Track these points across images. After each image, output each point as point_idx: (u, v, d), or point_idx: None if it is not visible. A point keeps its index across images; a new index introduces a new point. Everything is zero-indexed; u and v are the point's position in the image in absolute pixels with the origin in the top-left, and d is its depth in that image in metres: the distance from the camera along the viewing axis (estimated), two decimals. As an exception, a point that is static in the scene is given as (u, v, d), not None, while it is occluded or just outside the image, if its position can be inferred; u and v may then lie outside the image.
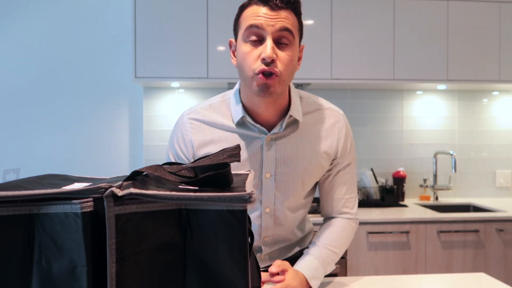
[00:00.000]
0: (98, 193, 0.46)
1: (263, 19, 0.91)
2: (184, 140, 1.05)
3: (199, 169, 0.59)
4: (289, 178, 1.07)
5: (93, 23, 2.71)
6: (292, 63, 0.95)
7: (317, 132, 1.08)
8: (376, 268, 2.24)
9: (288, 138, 1.05)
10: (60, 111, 2.71)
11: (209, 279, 0.49)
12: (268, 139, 1.03)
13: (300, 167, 1.07)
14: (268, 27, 0.91)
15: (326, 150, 1.08)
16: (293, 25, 0.94)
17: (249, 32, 0.93)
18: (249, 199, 0.46)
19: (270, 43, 0.90)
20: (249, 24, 0.92)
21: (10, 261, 0.46)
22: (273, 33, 0.91)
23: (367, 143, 2.87)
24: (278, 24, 0.91)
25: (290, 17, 0.93)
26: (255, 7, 0.93)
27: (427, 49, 2.56)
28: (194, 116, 1.06)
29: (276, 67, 0.91)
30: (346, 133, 1.11)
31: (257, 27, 0.91)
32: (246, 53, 0.93)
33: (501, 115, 2.98)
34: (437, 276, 1.25)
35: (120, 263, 0.45)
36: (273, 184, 1.06)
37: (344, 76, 2.49)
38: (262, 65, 0.91)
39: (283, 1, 0.92)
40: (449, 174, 2.88)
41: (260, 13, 0.91)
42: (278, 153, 1.05)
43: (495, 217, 2.31)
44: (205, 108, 1.07)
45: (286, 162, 1.05)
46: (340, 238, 1.11)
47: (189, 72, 2.42)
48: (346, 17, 2.50)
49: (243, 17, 0.95)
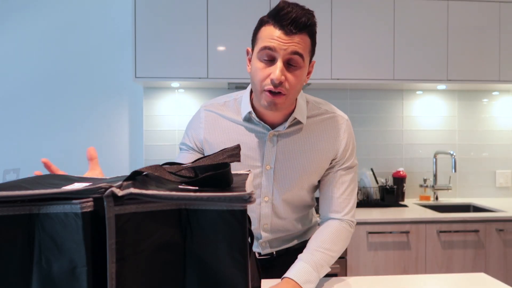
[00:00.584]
0: (98, 193, 0.46)
1: (277, 42, 0.97)
2: (199, 126, 1.19)
3: (199, 169, 0.59)
4: (287, 172, 1.14)
5: (93, 23, 2.71)
6: (300, 83, 1.03)
7: (319, 133, 1.14)
8: (376, 268, 2.24)
9: (291, 136, 1.13)
10: (60, 111, 2.71)
11: (209, 279, 0.49)
12: (271, 134, 1.11)
13: (299, 163, 1.13)
14: (280, 50, 0.97)
15: (326, 150, 1.14)
16: (305, 49, 1.00)
17: (263, 52, 1.00)
18: (249, 199, 0.46)
19: (280, 66, 0.97)
20: (263, 45, 0.99)
21: (10, 261, 0.46)
22: (284, 56, 0.98)
23: (367, 143, 2.87)
24: (290, 48, 0.97)
25: (303, 40, 0.99)
26: (272, 29, 0.99)
27: (427, 49, 2.56)
28: (209, 108, 1.19)
29: (284, 87, 0.99)
30: (348, 137, 1.17)
31: (270, 49, 0.98)
32: (258, 69, 1.01)
33: (501, 115, 2.98)
34: (437, 276, 1.25)
35: (120, 263, 0.45)
36: (272, 175, 1.14)
37: (344, 76, 2.50)
38: (270, 84, 0.99)
39: (297, 26, 0.97)
40: (449, 174, 2.88)
41: (275, 35, 0.97)
42: (279, 148, 1.13)
43: (495, 217, 2.31)
44: (221, 104, 1.19)
45: (286, 157, 1.13)
46: (333, 239, 1.12)
47: (189, 72, 2.42)
48: (346, 17, 2.50)
49: (260, 36, 1.01)
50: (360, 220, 2.23)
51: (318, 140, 1.14)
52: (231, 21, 2.43)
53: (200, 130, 1.17)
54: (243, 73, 2.43)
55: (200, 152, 1.19)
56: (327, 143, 1.15)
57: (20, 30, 2.68)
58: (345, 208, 1.17)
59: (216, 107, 1.18)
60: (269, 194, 1.16)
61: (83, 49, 2.71)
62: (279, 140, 1.13)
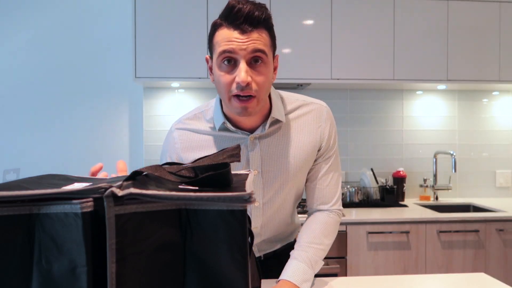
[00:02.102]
0: (98, 193, 0.46)
1: (235, 43, 0.92)
2: (174, 147, 1.13)
3: (199, 169, 0.59)
4: (277, 174, 1.10)
5: (93, 23, 2.71)
6: (267, 80, 0.97)
7: (300, 126, 1.11)
8: (376, 268, 2.24)
9: (272, 136, 1.09)
10: (60, 111, 2.71)
11: (209, 279, 0.49)
12: (252, 138, 1.07)
13: (286, 162, 1.10)
14: (240, 51, 0.92)
15: (310, 142, 1.11)
16: (266, 44, 0.95)
17: (222, 57, 0.94)
18: (249, 199, 0.46)
19: (243, 67, 0.92)
20: (221, 49, 0.93)
21: (10, 261, 0.46)
22: (245, 56, 0.92)
23: (367, 143, 2.87)
24: (250, 47, 0.92)
25: (262, 36, 0.94)
26: (226, 31, 0.94)
27: (427, 49, 2.56)
28: (180, 126, 1.13)
29: (251, 88, 0.94)
30: (330, 125, 1.14)
31: (229, 52, 0.93)
32: (221, 76, 0.95)
33: (501, 115, 2.98)
34: (437, 276, 1.25)
35: (120, 263, 0.45)
36: (261, 180, 1.10)
37: (344, 76, 2.50)
38: (237, 88, 0.93)
39: (252, 23, 0.92)
40: (449, 174, 2.88)
41: (232, 37, 0.92)
42: (263, 151, 1.09)
43: (495, 217, 2.31)
44: (190, 117, 1.14)
45: (272, 158, 1.09)
46: (323, 232, 1.11)
47: (189, 72, 2.42)
48: (346, 17, 2.50)
49: (216, 40, 0.96)
50: (360, 220, 2.23)
51: (300, 135, 1.11)
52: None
53: (177, 151, 1.12)
54: (243, 73, 2.43)
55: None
56: (310, 136, 1.11)
57: (20, 30, 2.68)
58: (332, 199, 1.15)
59: (187, 123, 1.13)
60: (259, 199, 1.13)
61: (83, 49, 2.71)
62: (261, 143, 1.08)
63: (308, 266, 1.05)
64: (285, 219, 1.22)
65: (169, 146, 1.14)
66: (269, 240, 1.23)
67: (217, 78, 0.97)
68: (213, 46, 0.98)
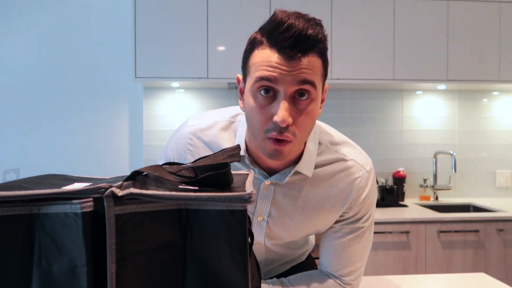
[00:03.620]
0: (98, 193, 0.46)
1: (277, 71, 0.72)
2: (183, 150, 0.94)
3: (199, 169, 0.59)
4: (283, 228, 0.93)
5: (93, 23, 2.71)
6: (311, 122, 0.78)
7: (329, 187, 0.89)
8: (376, 268, 2.24)
9: (291, 187, 0.89)
10: (60, 111, 2.71)
11: (209, 279, 0.49)
12: (268, 183, 0.88)
13: (298, 221, 0.92)
14: (283, 82, 0.72)
15: (334, 208, 0.91)
16: (316, 73, 0.76)
17: (259, 85, 0.74)
18: (249, 199, 0.46)
19: (284, 105, 0.72)
20: (259, 75, 0.73)
21: (10, 261, 0.46)
22: (289, 89, 0.73)
23: (367, 143, 2.87)
24: (296, 78, 0.72)
25: (312, 63, 0.75)
26: (268, 52, 0.73)
27: (427, 49, 2.56)
28: (197, 135, 0.92)
29: (291, 132, 0.74)
30: (368, 192, 0.91)
31: (269, 80, 0.73)
32: (255, 109, 0.75)
33: (501, 115, 2.98)
34: (437, 276, 1.25)
35: (120, 263, 0.45)
36: (264, 227, 0.93)
37: (344, 76, 2.50)
38: (275, 129, 0.73)
39: (304, 47, 0.72)
40: (449, 174, 2.88)
41: (273, 62, 0.72)
42: (274, 201, 0.90)
43: (495, 217, 2.31)
44: (210, 125, 0.92)
45: (283, 211, 0.90)
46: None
47: (189, 72, 2.42)
48: (346, 17, 2.50)
49: (254, 62, 0.76)
50: (360, 220, 2.22)
51: (326, 197, 0.89)
52: (231, 21, 2.43)
53: (185, 156, 0.93)
54: (243, 73, 2.43)
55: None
56: (336, 200, 0.90)
57: (20, 30, 2.68)
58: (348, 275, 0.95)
59: (205, 132, 0.92)
60: (260, 241, 0.97)
61: (83, 49, 2.71)
62: (276, 191, 0.88)
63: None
64: (292, 253, 1.10)
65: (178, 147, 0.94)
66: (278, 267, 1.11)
67: (249, 109, 0.77)
68: (249, 68, 0.77)
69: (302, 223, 0.92)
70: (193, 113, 2.71)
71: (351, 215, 0.92)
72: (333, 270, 0.95)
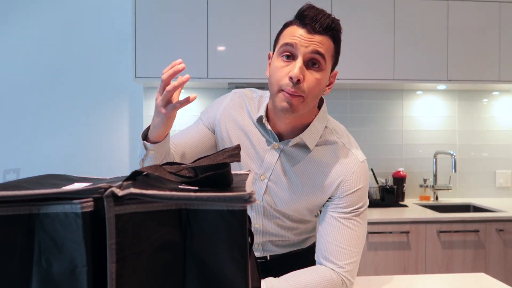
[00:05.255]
0: (98, 193, 0.46)
1: (298, 39, 0.94)
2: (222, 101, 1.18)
3: (199, 169, 0.59)
4: (279, 191, 1.08)
5: (93, 23, 2.71)
6: (319, 87, 0.96)
7: (324, 166, 1.04)
8: (376, 268, 2.24)
9: (294, 158, 1.06)
10: (60, 111, 2.71)
11: (209, 279, 0.49)
12: (276, 146, 1.06)
13: (293, 188, 1.06)
14: (301, 47, 0.93)
15: (324, 187, 1.04)
16: (327, 50, 0.96)
17: (283, 49, 0.96)
18: (249, 199, 0.46)
19: (299, 64, 0.93)
20: (285, 42, 0.96)
21: (10, 261, 0.46)
22: (304, 54, 0.93)
23: (367, 143, 2.87)
24: (311, 46, 0.93)
25: (325, 42, 0.95)
26: (295, 28, 0.96)
27: (427, 49, 2.56)
28: (243, 95, 1.16)
29: (301, 88, 0.93)
30: (356, 181, 1.02)
31: (291, 46, 0.94)
32: (277, 68, 0.96)
33: (501, 115, 2.98)
34: (437, 276, 1.25)
35: (120, 263, 0.45)
36: (264, 188, 1.09)
37: (344, 76, 2.50)
38: (288, 85, 0.93)
39: (321, 26, 0.94)
40: (449, 174, 2.88)
41: (297, 33, 0.95)
42: (278, 165, 1.07)
43: (495, 217, 2.31)
44: (251, 97, 1.15)
45: (282, 177, 1.07)
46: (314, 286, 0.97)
47: (189, 72, 2.40)
48: (346, 17, 2.50)
49: (283, 35, 0.98)
50: (360, 220, 2.22)
51: (320, 174, 1.04)
52: (231, 21, 2.43)
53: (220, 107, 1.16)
54: (243, 73, 2.43)
55: (211, 132, 1.16)
56: (328, 180, 1.03)
57: (20, 30, 2.68)
58: (340, 259, 1.00)
59: (248, 96, 1.16)
60: (259, 198, 1.10)
61: (83, 49, 2.71)
62: (281, 156, 1.06)
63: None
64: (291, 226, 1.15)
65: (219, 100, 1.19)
66: (275, 244, 1.18)
67: (272, 69, 0.98)
68: (278, 40, 1.00)
69: (295, 192, 1.06)
70: (193, 113, 2.71)
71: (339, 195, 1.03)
72: (326, 254, 1.02)
